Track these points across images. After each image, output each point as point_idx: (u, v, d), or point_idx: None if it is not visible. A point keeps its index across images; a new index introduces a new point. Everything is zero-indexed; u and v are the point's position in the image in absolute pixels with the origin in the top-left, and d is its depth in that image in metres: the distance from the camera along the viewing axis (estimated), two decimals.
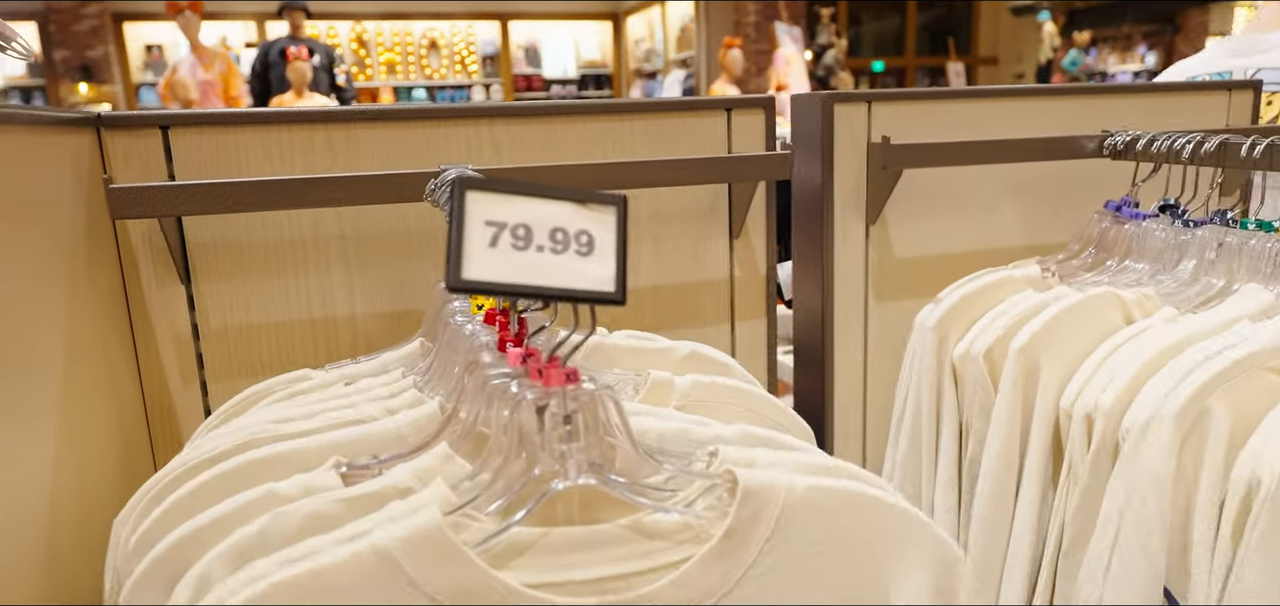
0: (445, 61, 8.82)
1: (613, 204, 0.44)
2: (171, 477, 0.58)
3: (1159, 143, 0.88)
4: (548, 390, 0.47)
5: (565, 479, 0.47)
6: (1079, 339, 0.80)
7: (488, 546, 0.46)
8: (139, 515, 0.56)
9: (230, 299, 0.80)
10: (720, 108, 0.90)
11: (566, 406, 0.47)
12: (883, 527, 0.51)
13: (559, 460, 0.48)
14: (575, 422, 0.47)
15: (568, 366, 0.47)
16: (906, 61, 12.18)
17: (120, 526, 0.57)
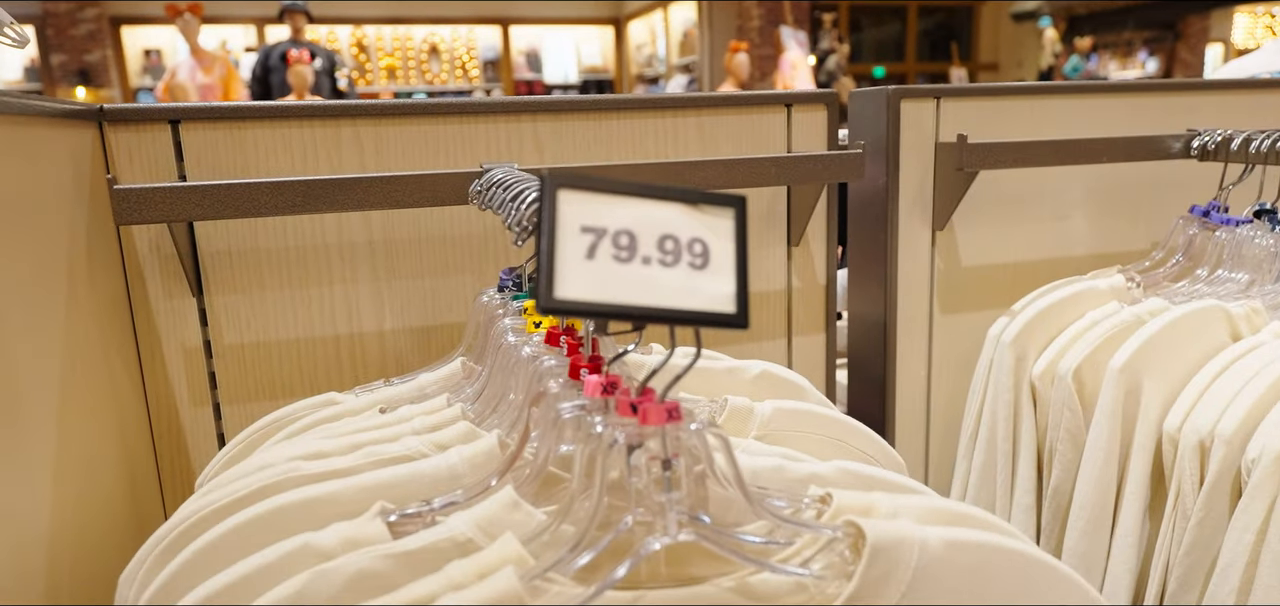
0: (446, 66, 8.75)
1: (731, 205, 0.36)
2: (187, 525, 0.49)
3: (1257, 142, 0.81)
4: (643, 429, 0.39)
5: (664, 536, 0.39)
6: (1184, 357, 0.72)
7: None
8: (149, 570, 0.48)
9: (246, 313, 0.72)
10: (779, 103, 0.83)
11: (666, 449, 0.39)
12: (1028, 587, 0.44)
13: (655, 511, 0.40)
14: (675, 467, 0.39)
15: (668, 400, 0.39)
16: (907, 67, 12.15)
17: (127, 585, 0.49)
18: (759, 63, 7.08)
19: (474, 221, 0.74)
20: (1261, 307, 0.76)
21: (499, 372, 0.56)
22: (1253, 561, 0.61)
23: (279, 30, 7.02)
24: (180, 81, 4.82)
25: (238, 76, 5.42)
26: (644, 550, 0.39)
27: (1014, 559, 0.44)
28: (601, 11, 9.09)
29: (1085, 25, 10.55)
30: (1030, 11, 10.68)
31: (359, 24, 8.39)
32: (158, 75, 7.50)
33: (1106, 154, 0.87)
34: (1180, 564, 0.68)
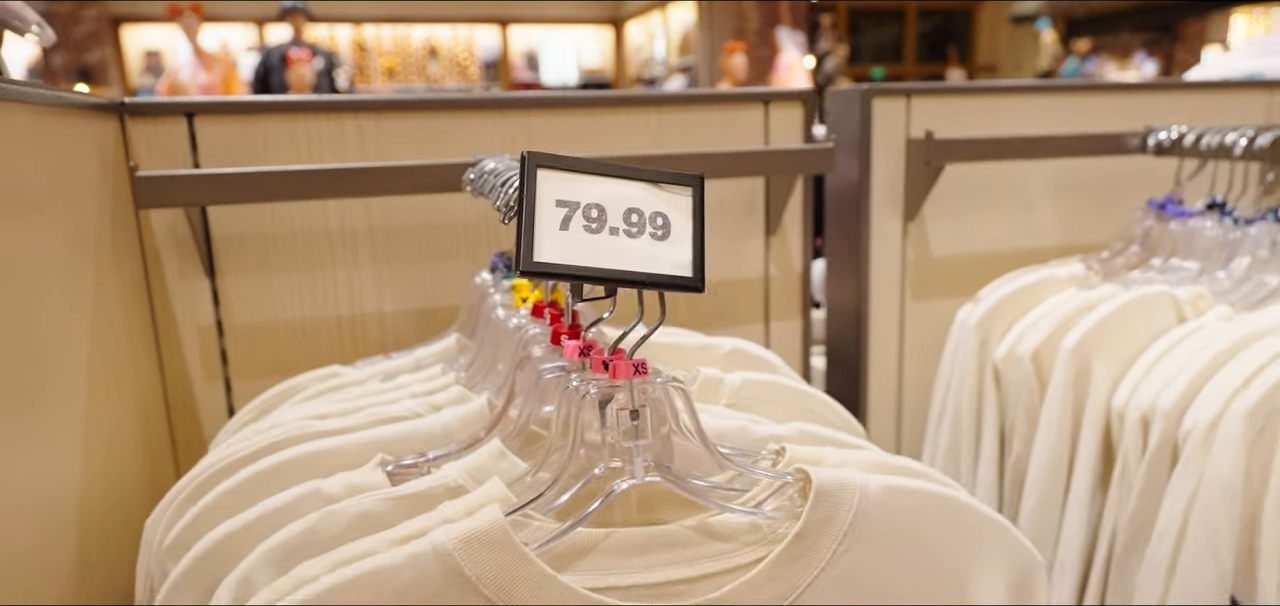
0: (445, 67, 8.80)
1: (690, 185, 0.41)
2: (207, 475, 0.55)
3: (1207, 139, 0.86)
4: (614, 383, 0.45)
5: (631, 478, 0.45)
6: (1131, 339, 0.78)
7: (549, 548, 0.44)
8: (174, 514, 0.54)
9: (255, 294, 0.77)
10: (758, 100, 0.88)
11: (634, 400, 0.45)
12: (959, 529, 0.49)
13: (624, 457, 0.45)
14: (642, 418, 0.45)
15: (636, 358, 0.45)
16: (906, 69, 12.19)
17: (153, 527, 0.54)
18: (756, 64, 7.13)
19: (468, 209, 0.79)
20: (1207, 293, 0.81)
21: (489, 344, 0.61)
22: (1184, 526, 0.66)
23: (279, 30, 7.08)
24: (182, 81, 4.88)
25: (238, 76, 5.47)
26: (614, 490, 0.45)
27: (946, 503, 0.49)
28: (600, 12, 9.15)
29: (1083, 28, 10.61)
30: (1029, 14, 10.74)
31: (358, 24, 8.44)
32: (157, 75, 7.55)
33: (1066, 149, 0.92)
34: (1124, 530, 0.73)
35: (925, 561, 0.48)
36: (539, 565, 0.43)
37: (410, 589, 0.41)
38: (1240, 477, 0.63)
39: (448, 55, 8.89)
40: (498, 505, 0.44)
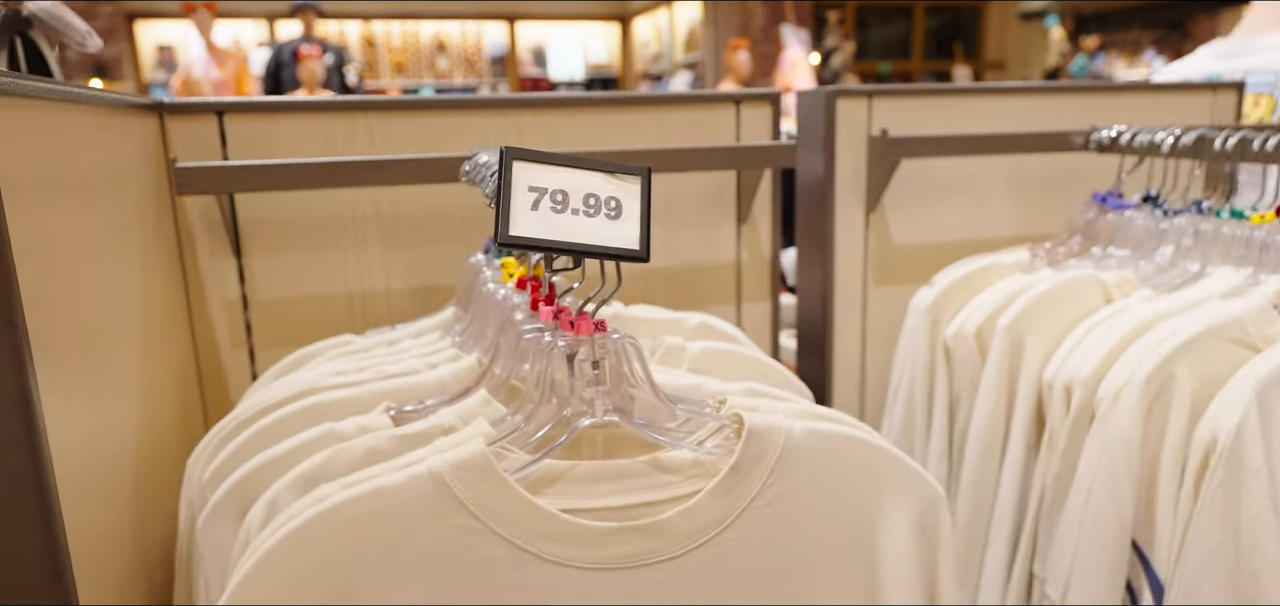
0: (453, 62, 8.90)
1: (638, 174, 0.51)
2: (238, 421, 0.65)
3: (1141, 137, 0.95)
4: (578, 339, 0.54)
5: (592, 417, 0.54)
6: (1061, 317, 0.87)
7: (525, 474, 0.53)
8: (211, 453, 0.63)
9: (277, 272, 0.87)
10: (729, 101, 0.97)
11: (594, 353, 0.54)
12: (871, 467, 0.58)
13: (587, 402, 0.55)
14: (602, 368, 0.54)
15: (596, 318, 0.54)
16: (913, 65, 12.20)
17: (193, 464, 0.64)
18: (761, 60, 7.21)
19: (465, 197, 0.89)
20: (1133, 277, 0.90)
21: (480, 313, 0.71)
22: (1093, 481, 0.75)
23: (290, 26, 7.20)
24: (195, 77, 5.00)
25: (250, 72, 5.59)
26: (578, 426, 0.54)
27: (861, 444, 0.58)
28: (607, 9, 9.23)
29: (1092, 24, 10.63)
30: (1037, 11, 10.75)
31: (367, 20, 8.55)
32: (171, 70, 7.69)
33: (1014, 146, 1.01)
34: (1051, 487, 0.82)
35: (842, 493, 0.57)
36: (515, 488, 0.52)
37: (410, 504, 0.51)
38: (1138, 437, 0.72)
39: (456, 51, 8.99)
40: (482, 438, 0.53)
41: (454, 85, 8.83)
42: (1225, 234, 0.87)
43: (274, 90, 5.30)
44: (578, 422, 0.54)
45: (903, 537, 0.58)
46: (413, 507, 0.51)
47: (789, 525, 0.57)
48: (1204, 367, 0.72)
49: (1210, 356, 0.72)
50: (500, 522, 0.52)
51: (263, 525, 0.55)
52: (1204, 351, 0.72)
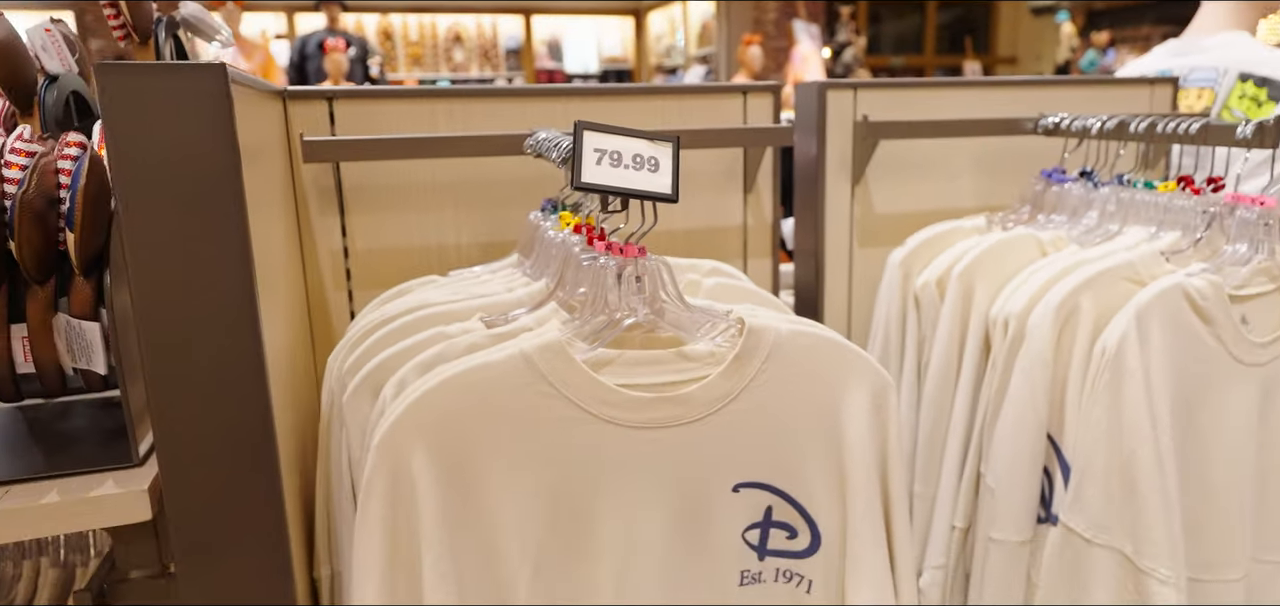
0: (469, 54, 9.13)
1: (670, 140, 0.73)
2: (362, 330, 0.87)
3: (1077, 123, 1.17)
4: (624, 260, 0.76)
5: (634, 317, 0.76)
6: (1004, 267, 1.08)
7: (587, 357, 0.75)
8: (345, 354, 0.86)
9: (372, 228, 1.09)
10: (738, 92, 1.19)
11: (637, 271, 0.76)
12: (839, 358, 0.80)
13: (631, 307, 0.77)
14: (642, 282, 0.76)
15: (637, 245, 0.76)
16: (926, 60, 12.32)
17: (332, 361, 0.87)
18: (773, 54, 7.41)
19: (523, 168, 1.10)
20: (1065, 236, 1.11)
21: (543, 254, 0.93)
22: (1019, 391, 0.97)
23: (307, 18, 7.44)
24: None
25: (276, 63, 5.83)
26: (624, 323, 0.76)
27: (833, 343, 0.80)
28: (622, 3, 9.44)
29: (1103, 20, 10.77)
30: (1049, 5, 10.89)
31: (385, 12, 8.79)
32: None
33: (973, 131, 1.23)
34: (992, 402, 1.04)
35: (817, 376, 0.79)
36: (581, 365, 0.74)
37: (506, 375, 0.73)
38: (1051, 352, 0.93)
39: (472, 43, 9.22)
40: (556, 330, 0.75)
41: (470, 77, 9.06)
42: (1139, 201, 1.09)
43: (299, 81, 5.54)
44: (624, 320, 0.76)
45: (861, 410, 0.80)
46: (508, 377, 0.73)
47: (779, 398, 0.79)
48: (1103, 299, 0.93)
49: (1109, 290, 0.94)
50: (570, 390, 0.74)
51: (395, 396, 0.78)
52: (1104, 286, 0.94)
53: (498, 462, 0.74)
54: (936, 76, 11.61)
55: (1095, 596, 0.92)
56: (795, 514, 0.82)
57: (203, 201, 0.65)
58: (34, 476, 0.69)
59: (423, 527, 0.71)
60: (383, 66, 6.50)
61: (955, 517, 1.08)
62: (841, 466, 0.81)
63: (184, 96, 0.63)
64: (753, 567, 0.82)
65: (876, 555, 0.83)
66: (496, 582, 0.74)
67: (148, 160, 0.63)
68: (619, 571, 0.77)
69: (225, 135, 0.65)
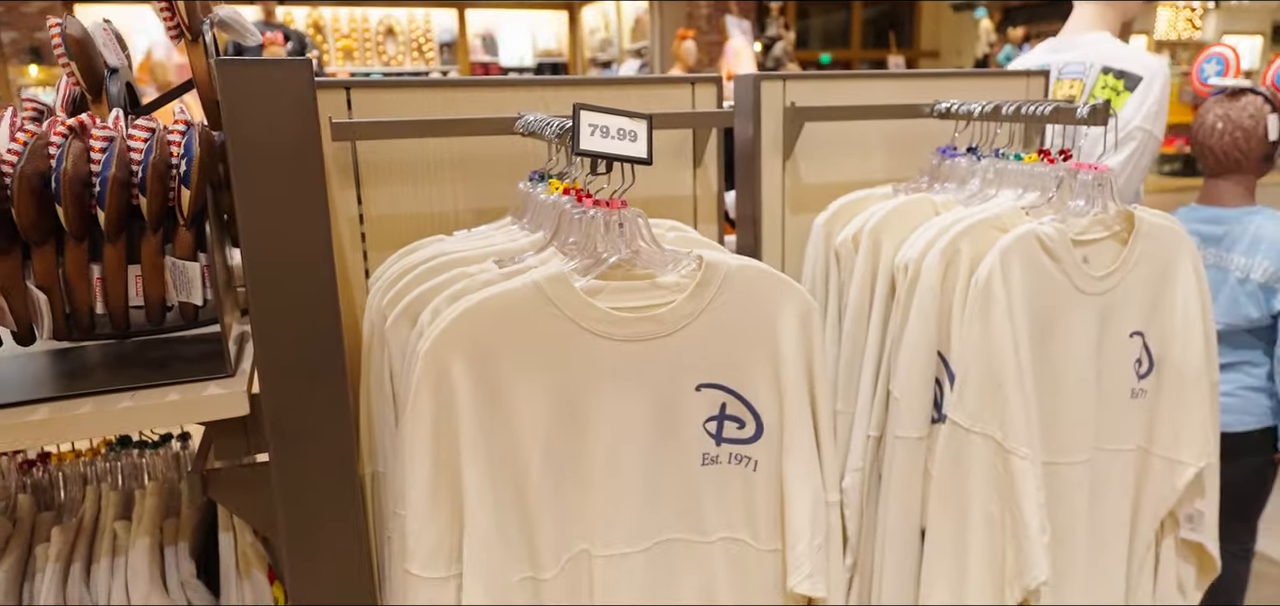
0: (402, 48, 9.18)
1: (646, 117, 0.97)
2: (394, 275, 1.09)
3: (963, 107, 1.45)
4: (608, 211, 1.00)
5: (618, 254, 1.00)
6: (905, 224, 1.36)
7: (583, 285, 0.99)
8: (382, 292, 1.07)
9: (383, 198, 1.30)
10: (686, 82, 1.44)
11: (618, 219, 1.00)
12: (776, 286, 1.06)
13: (614, 247, 1.01)
14: (624, 228, 1.00)
15: (620, 199, 1.00)
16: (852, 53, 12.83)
17: (372, 299, 1.08)
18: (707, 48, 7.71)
19: (512, 146, 1.33)
20: (954, 199, 1.40)
21: (535, 213, 1.16)
22: (915, 318, 1.24)
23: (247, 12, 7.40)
24: (158, 60, 5.26)
25: None
26: (610, 260, 1.00)
27: (771, 274, 1.06)
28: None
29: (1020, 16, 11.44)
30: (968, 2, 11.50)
31: (315, 5, 8.77)
32: None
33: (882, 114, 1.50)
34: (896, 332, 1.31)
35: (759, 300, 1.05)
36: (579, 292, 0.98)
37: (521, 301, 0.96)
38: (938, 284, 1.21)
39: (404, 36, 9.26)
40: (559, 265, 0.99)
41: (402, 70, 9.11)
42: (1012, 170, 1.38)
43: None
44: (610, 258, 1.00)
45: (792, 326, 1.06)
46: (523, 302, 0.97)
47: (730, 318, 1.04)
48: (977, 243, 1.21)
49: (981, 237, 1.22)
50: (571, 311, 0.98)
51: (431, 321, 1.00)
52: (978, 234, 1.22)
53: (516, 368, 0.97)
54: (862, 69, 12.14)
55: (974, 473, 1.20)
56: (744, 408, 1.07)
57: (293, 167, 0.86)
58: (155, 383, 0.89)
59: (460, 417, 0.94)
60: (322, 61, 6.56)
61: (870, 427, 1.35)
62: (778, 371, 1.07)
63: (282, 85, 0.85)
64: (711, 451, 1.07)
65: (806, 440, 1.09)
66: (515, 459, 0.97)
67: (255, 134, 0.84)
68: (609, 453, 1.02)
69: (311, 116, 0.86)
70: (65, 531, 1.11)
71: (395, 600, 1.00)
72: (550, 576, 1.01)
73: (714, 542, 1.09)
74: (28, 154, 0.82)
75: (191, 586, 1.13)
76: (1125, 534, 1.37)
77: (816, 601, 1.10)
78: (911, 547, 1.28)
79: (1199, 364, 1.33)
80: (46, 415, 0.83)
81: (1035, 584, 1.17)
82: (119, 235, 0.89)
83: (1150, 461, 1.36)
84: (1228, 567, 1.89)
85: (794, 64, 9.33)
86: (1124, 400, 1.32)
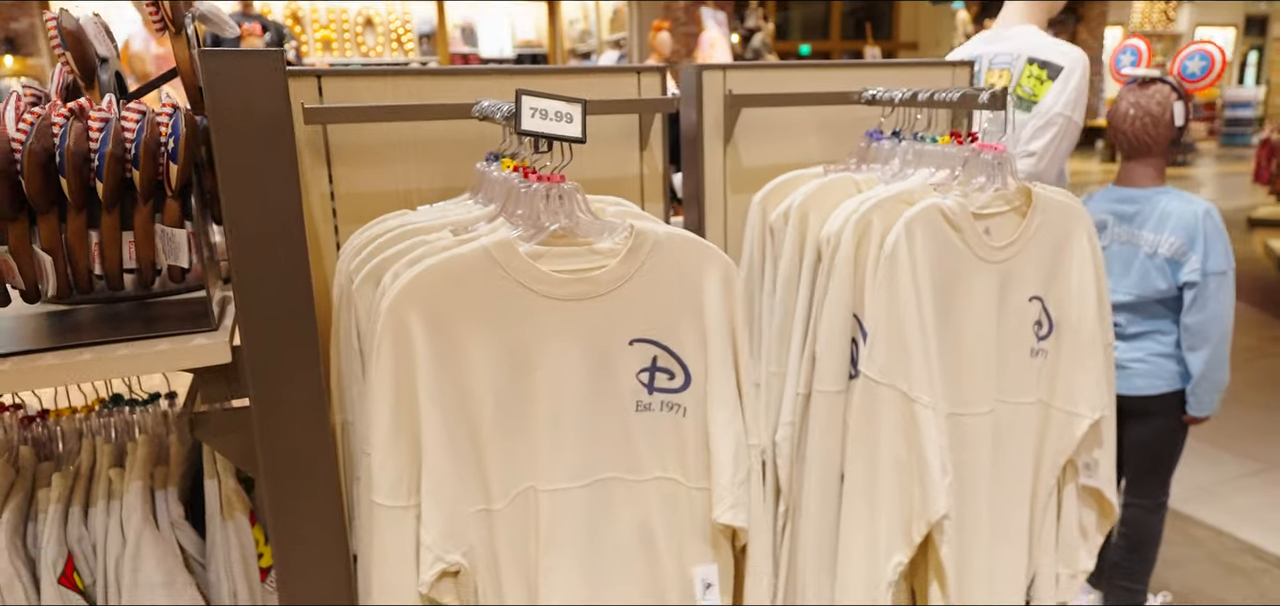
0: (381, 39, 9.26)
1: (581, 101, 1.11)
2: (361, 243, 1.22)
3: (887, 94, 1.60)
4: (549, 186, 1.14)
5: (557, 223, 1.14)
6: (830, 200, 1.51)
7: (527, 250, 1.13)
8: (350, 258, 1.21)
9: (352, 176, 1.44)
10: (633, 72, 1.59)
11: (558, 192, 1.14)
12: (700, 251, 1.20)
13: (555, 216, 1.15)
14: (563, 200, 1.15)
15: (560, 175, 1.14)
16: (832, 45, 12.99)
17: (340, 264, 1.22)
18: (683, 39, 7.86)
19: (470, 129, 1.47)
20: (875, 178, 1.55)
21: (488, 189, 1.30)
22: (833, 282, 1.39)
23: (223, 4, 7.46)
24: (136, 51, 5.35)
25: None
26: (551, 227, 1.14)
27: (695, 240, 1.20)
28: None
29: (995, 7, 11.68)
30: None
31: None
32: None
33: (813, 100, 1.65)
34: (820, 298, 1.46)
35: (685, 264, 1.19)
36: (524, 257, 1.12)
37: (472, 265, 1.10)
38: (853, 253, 1.36)
39: (383, 27, 9.34)
40: (505, 232, 1.13)
41: (382, 62, 9.20)
42: (928, 151, 1.53)
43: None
44: (550, 226, 1.14)
45: (715, 287, 1.21)
46: (474, 265, 1.11)
47: (659, 280, 1.18)
48: (887, 216, 1.37)
49: (891, 210, 1.37)
50: (517, 273, 1.12)
51: (392, 281, 1.14)
52: (888, 207, 1.37)
53: (468, 323, 1.11)
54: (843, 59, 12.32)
55: (883, 421, 1.35)
56: (673, 361, 1.22)
57: (269, 144, 1.00)
58: (149, 336, 1.02)
59: (418, 365, 1.08)
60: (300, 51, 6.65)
61: (799, 386, 1.50)
62: (703, 327, 1.22)
63: (256, 72, 0.98)
64: (644, 399, 1.22)
65: (728, 389, 1.24)
66: (468, 403, 1.12)
67: (234, 116, 0.97)
68: (551, 400, 1.16)
69: (283, 100, 1.00)
70: (64, 477, 1.25)
71: (363, 531, 1.14)
72: (500, 507, 1.16)
73: (648, 481, 1.24)
74: (35, 133, 0.95)
75: (180, 527, 1.27)
76: (1029, 479, 1.53)
77: (739, 531, 1.25)
78: (832, 490, 1.44)
79: (1093, 325, 1.49)
80: (54, 361, 0.97)
81: (937, 517, 1.32)
82: (115, 205, 1.02)
83: (1051, 414, 1.52)
84: (1143, 519, 2.06)
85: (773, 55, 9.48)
86: (1025, 358, 1.48)
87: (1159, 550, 2.11)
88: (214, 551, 1.28)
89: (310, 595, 1.11)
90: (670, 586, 1.24)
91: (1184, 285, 1.89)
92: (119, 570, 1.21)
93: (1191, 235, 1.86)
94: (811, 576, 1.47)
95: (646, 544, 1.23)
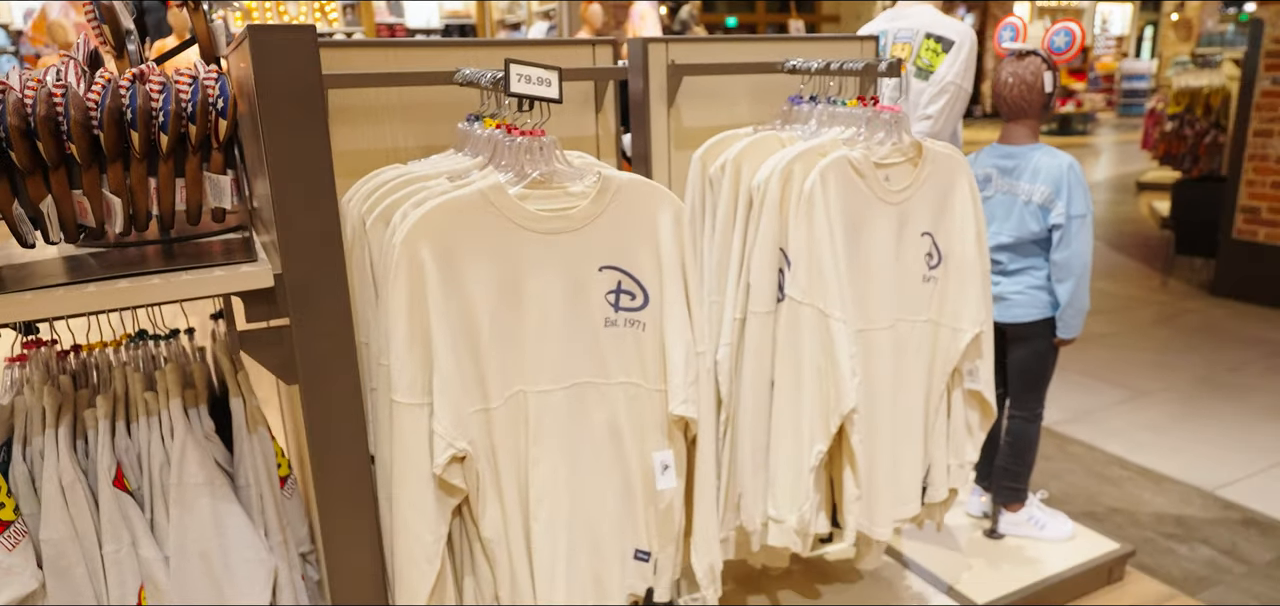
0: (304, 8, 9.18)
1: (557, 69, 1.36)
2: (368, 191, 1.45)
3: (802, 64, 1.90)
4: (531, 139, 1.40)
5: (539, 169, 1.40)
6: (759, 155, 1.80)
7: (514, 193, 1.39)
8: (359, 203, 1.44)
9: (347, 134, 1.66)
10: (588, 44, 1.84)
11: (539, 145, 1.40)
12: (656, 194, 1.48)
13: (536, 163, 1.40)
14: (543, 151, 1.40)
15: (540, 129, 1.40)
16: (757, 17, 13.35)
17: (350, 210, 1.45)
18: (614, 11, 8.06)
19: (450, 94, 1.70)
20: (796, 136, 1.85)
21: (473, 145, 1.54)
22: (763, 221, 1.69)
23: None
24: (56, 19, 5.28)
25: None
26: (533, 174, 1.39)
27: (652, 185, 1.47)
28: None
29: None
30: None
31: None
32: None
33: (738, 71, 1.94)
34: (752, 238, 1.76)
35: (643, 205, 1.46)
36: (513, 198, 1.38)
37: (470, 205, 1.35)
38: (778, 197, 1.66)
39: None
40: (495, 180, 1.38)
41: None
42: (839, 112, 1.84)
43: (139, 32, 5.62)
44: (532, 173, 1.40)
45: (668, 222, 1.48)
46: (471, 205, 1.35)
47: (623, 219, 1.45)
48: (806, 165, 1.66)
49: (809, 161, 1.67)
50: (507, 211, 1.37)
51: (402, 221, 1.37)
52: (806, 158, 1.67)
53: (468, 255, 1.36)
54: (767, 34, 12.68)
55: (804, 336, 1.66)
56: (634, 284, 1.49)
57: (306, 106, 1.22)
58: (201, 265, 1.24)
59: (428, 288, 1.33)
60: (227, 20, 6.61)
61: (736, 311, 1.80)
62: (659, 255, 1.49)
63: (294, 44, 1.20)
64: (611, 316, 1.49)
65: (679, 307, 1.52)
66: (469, 320, 1.37)
67: (276, 81, 1.19)
68: (537, 319, 1.42)
69: (315, 67, 1.22)
70: (106, 399, 1.45)
71: (383, 427, 1.39)
72: (496, 406, 1.41)
73: (615, 385, 1.51)
74: (110, 94, 1.15)
75: (212, 439, 1.49)
76: (924, 384, 1.87)
77: (691, 422, 1.54)
78: (764, 395, 1.74)
79: (973, 256, 1.83)
80: (128, 285, 1.18)
81: (848, 409, 1.64)
82: (170, 155, 1.23)
83: (939, 330, 1.86)
84: (1024, 429, 2.45)
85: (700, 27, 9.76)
86: (918, 283, 1.81)
87: (1036, 455, 2.50)
88: (241, 460, 1.50)
89: (338, 485, 1.35)
90: (635, 469, 1.52)
91: (1052, 227, 2.26)
92: (164, 475, 1.43)
93: (1058, 185, 2.23)
94: (748, 468, 1.78)
95: (615, 435, 1.50)
